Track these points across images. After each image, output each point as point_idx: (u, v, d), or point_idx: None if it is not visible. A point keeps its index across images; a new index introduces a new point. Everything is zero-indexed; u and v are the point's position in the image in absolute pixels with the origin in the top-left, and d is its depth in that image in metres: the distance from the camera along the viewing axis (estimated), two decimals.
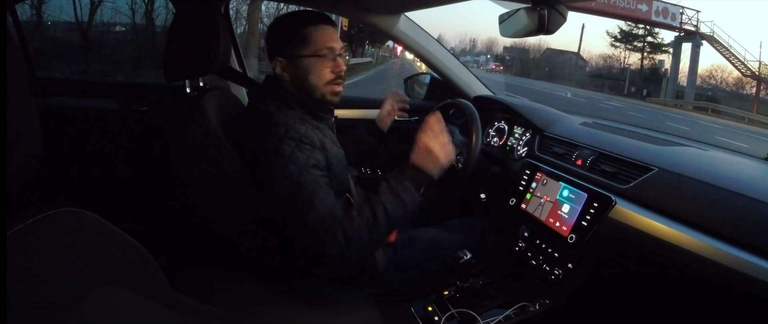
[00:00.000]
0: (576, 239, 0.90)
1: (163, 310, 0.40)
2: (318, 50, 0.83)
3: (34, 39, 7.03)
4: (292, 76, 0.85)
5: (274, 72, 0.86)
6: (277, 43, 0.85)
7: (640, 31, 24.22)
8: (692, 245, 0.71)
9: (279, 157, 0.74)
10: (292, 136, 0.76)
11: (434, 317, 0.92)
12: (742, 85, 21.62)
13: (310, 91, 0.85)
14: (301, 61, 0.83)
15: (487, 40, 42.82)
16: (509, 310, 0.93)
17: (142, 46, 8.82)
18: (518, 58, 36.73)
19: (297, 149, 0.75)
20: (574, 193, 0.94)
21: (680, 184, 0.81)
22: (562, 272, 0.95)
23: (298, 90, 0.86)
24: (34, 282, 0.30)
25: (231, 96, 1.09)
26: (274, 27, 0.87)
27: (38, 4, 7.68)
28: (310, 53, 0.83)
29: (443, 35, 51.36)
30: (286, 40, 0.84)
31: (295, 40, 0.83)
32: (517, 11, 0.85)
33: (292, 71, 0.84)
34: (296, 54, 0.83)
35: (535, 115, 1.25)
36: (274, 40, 0.86)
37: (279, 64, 0.85)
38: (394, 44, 4.04)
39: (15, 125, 0.28)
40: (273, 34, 0.87)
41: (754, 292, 0.64)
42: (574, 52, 31.11)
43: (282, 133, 0.76)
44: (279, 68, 0.85)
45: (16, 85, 0.28)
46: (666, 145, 0.98)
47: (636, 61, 25.12)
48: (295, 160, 0.74)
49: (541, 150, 1.14)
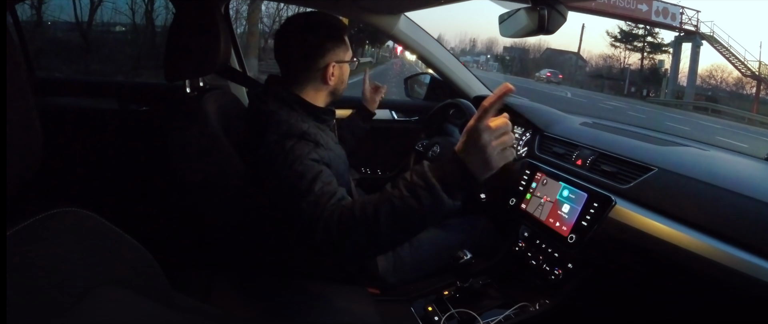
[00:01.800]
0: (576, 239, 0.90)
1: (163, 310, 0.40)
2: (352, 56, 0.91)
3: (34, 39, 7.03)
4: (338, 80, 0.89)
5: (325, 76, 0.86)
6: (328, 48, 0.85)
7: (640, 31, 24.23)
8: (692, 245, 0.71)
9: (280, 153, 0.74)
10: (293, 133, 0.76)
11: (434, 317, 0.92)
12: (742, 85, 21.63)
13: (341, 92, 0.92)
14: (344, 66, 0.90)
15: (487, 40, 42.84)
16: (509, 310, 0.93)
17: (142, 46, 8.83)
18: (518, 58, 36.73)
19: (298, 145, 0.75)
20: (574, 193, 0.94)
21: (680, 184, 0.81)
22: (562, 272, 0.95)
23: (332, 92, 0.90)
24: (34, 282, 0.30)
25: (231, 96, 1.09)
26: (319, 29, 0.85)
27: (38, 4, 7.68)
28: (350, 59, 0.90)
29: (443, 35, 51.40)
30: (337, 46, 0.87)
31: (343, 45, 0.88)
32: (517, 11, 0.85)
33: (338, 75, 0.89)
34: (343, 59, 0.88)
35: (535, 115, 1.25)
36: (322, 44, 0.85)
37: (335, 68, 0.87)
38: (394, 44, 4.03)
39: (15, 125, 0.28)
40: (319, 37, 0.85)
41: (755, 292, 0.64)
42: (574, 52, 31.14)
43: (283, 131, 0.76)
44: (330, 73, 0.86)
45: (16, 85, 0.28)
46: (666, 145, 0.98)
47: (636, 61, 25.13)
48: (297, 154, 0.74)
49: (541, 150, 1.14)
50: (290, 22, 0.87)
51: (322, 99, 0.89)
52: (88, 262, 0.35)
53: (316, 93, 0.87)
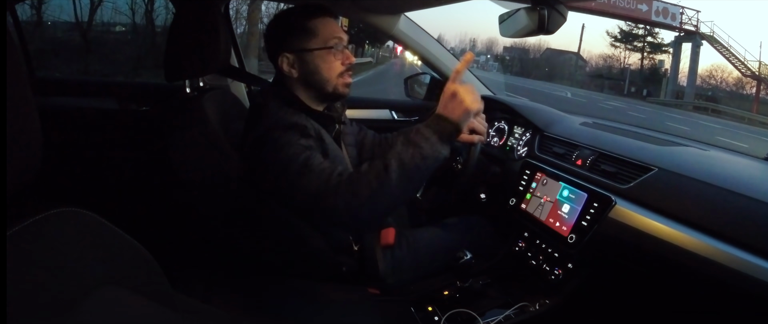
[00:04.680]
0: (576, 239, 0.90)
1: (163, 310, 0.40)
2: (327, 42, 0.80)
3: (34, 39, 7.03)
4: (301, 71, 0.81)
5: (280, 69, 0.82)
6: (281, 38, 0.81)
7: (640, 31, 24.21)
8: (692, 245, 0.71)
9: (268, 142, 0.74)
10: (282, 124, 0.75)
11: (434, 317, 0.92)
12: (742, 85, 21.61)
13: (322, 85, 0.82)
14: (310, 54, 0.80)
15: (487, 40, 42.75)
16: (509, 310, 0.93)
17: (142, 46, 8.83)
18: (518, 58, 36.70)
19: (284, 134, 0.74)
20: (574, 193, 0.94)
21: (680, 184, 0.81)
22: (562, 272, 0.95)
23: (307, 86, 0.83)
24: (34, 282, 0.30)
25: (231, 96, 1.09)
26: (277, 22, 0.84)
27: (38, 4, 7.68)
28: (320, 46, 0.80)
29: (443, 35, 51.33)
30: (291, 34, 0.80)
31: (301, 33, 0.80)
32: (517, 11, 0.85)
33: (301, 66, 0.81)
34: (304, 48, 0.80)
35: (535, 115, 1.25)
36: (277, 35, 0.82)
37: (286, 59, 0.81)
38: (394, 44, 4.04)
39: (15, 125, 0.28)
40: (276, 29, 0.83)
41: (754, 292, 0.64)
42: (574, 52, 31.09)
43: (271, 123, 0.76)
44: (286, 65, 0.81)
45: (16, 85, 0.28)
46: (666, 145, 0.98)
47: (636, 61, 25.12)
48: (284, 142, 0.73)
49: (541, 150, 1.14)
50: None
51: (306, 96, 0.84)
52: (88, 262, 0.35)
53: (299, 90, 0.84)
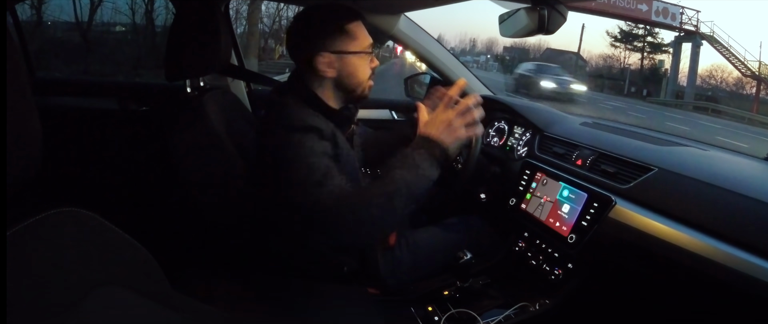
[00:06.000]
0: (576, 239, 0.90)
1: (163, 310, 0.40)
2: (365, 47, 0.83)
3: (34, 39, 7.03)
4: (338, 72, 0.82)
5: (312, 67, 0.81)
6: (319, 38, 0.81)
7: (640, 31, 24.17)
8: (692, 245, 0.71)
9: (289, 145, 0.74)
10: (301, 126, 0.75)
11: (434, 317, 0.92)
12: (742, 85, 21.58)
13: (354, 87, 0.84)
14: (349, 57, 0.81)
15: (487, 40, 42.65)
16: (509, 310, 0.93)
17: (142, 46, 8.84)
18: (518, 58, 36.68)
19: (304, 136, 0.74)
20: (574, 193, 0.94)
21: (680, 184, 0.81)
22: (562, 272, 0.95)
23: (339, 87, 0.84)
24: (34, 282, 0.30)
25: (231, 96, 1.09)
26: (309, 21, 0.83)
27: (38, 4, 7.69)
28: (359, 50, 0.82)
29: (443, 35, 51.18)
30: (331, 36, 0.81)
31: (342, 35, 0.81)
32: (517, 11, 0.85)
33: (338, 68, 0.82)
34: (345, 50, 0.81)
35: (535, 115, 1.25)
36: (313, 34, 0.82)
37: (324, 59, 0.80)
38: (394, 44, 4.05)
39: (15, 125, 0.28)
40: (309, 28, 0.82)
41: (754, 292, 0.64)
42: (574, 52, 31.03)
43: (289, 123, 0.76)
44: (323, 64, 0.81)
45: (16, 85, 0.28)
46: (666, 145, 0.98)
47: (636, 61, 25.09)
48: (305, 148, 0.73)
49: (541, 150, 1.14)
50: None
51: (330, 96, 0.84)
52: (88, 262, 0.35)
53: (324, 89, 0.84)
